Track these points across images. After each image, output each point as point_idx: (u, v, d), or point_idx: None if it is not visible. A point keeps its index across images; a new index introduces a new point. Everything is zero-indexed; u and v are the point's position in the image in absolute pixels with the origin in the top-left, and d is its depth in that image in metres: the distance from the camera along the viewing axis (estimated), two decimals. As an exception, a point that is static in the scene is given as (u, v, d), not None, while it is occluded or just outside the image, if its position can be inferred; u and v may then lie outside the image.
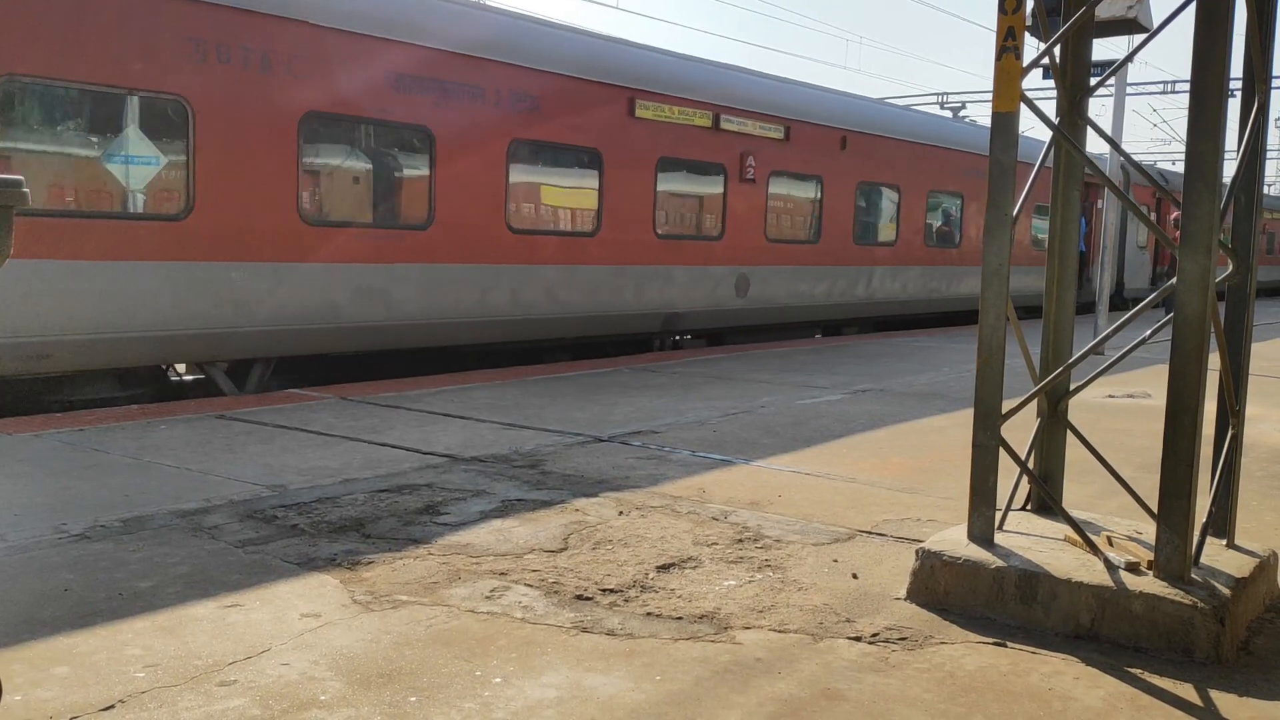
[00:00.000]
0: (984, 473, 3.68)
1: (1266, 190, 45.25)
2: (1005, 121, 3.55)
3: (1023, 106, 3.56)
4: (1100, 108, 35.23)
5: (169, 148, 8.24)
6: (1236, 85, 6.41)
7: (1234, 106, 3.48)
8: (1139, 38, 4.54)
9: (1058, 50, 3.86)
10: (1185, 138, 3.29)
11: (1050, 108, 10.14)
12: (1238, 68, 3.90)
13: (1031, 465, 4.04)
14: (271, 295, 8.96)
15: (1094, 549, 3.59)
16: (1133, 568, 3.44)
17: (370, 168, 9.68)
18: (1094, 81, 3.89)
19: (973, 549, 3.64)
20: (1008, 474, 4.02)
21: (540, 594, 3.69)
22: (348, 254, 9.44)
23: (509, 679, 2.98)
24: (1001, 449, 3.67)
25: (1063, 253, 4.03)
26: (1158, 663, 3.20)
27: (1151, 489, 3.71)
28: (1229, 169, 3.71)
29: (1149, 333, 3.95)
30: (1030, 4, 3.73)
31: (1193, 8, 3.29)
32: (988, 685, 3.02)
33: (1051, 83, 4.07)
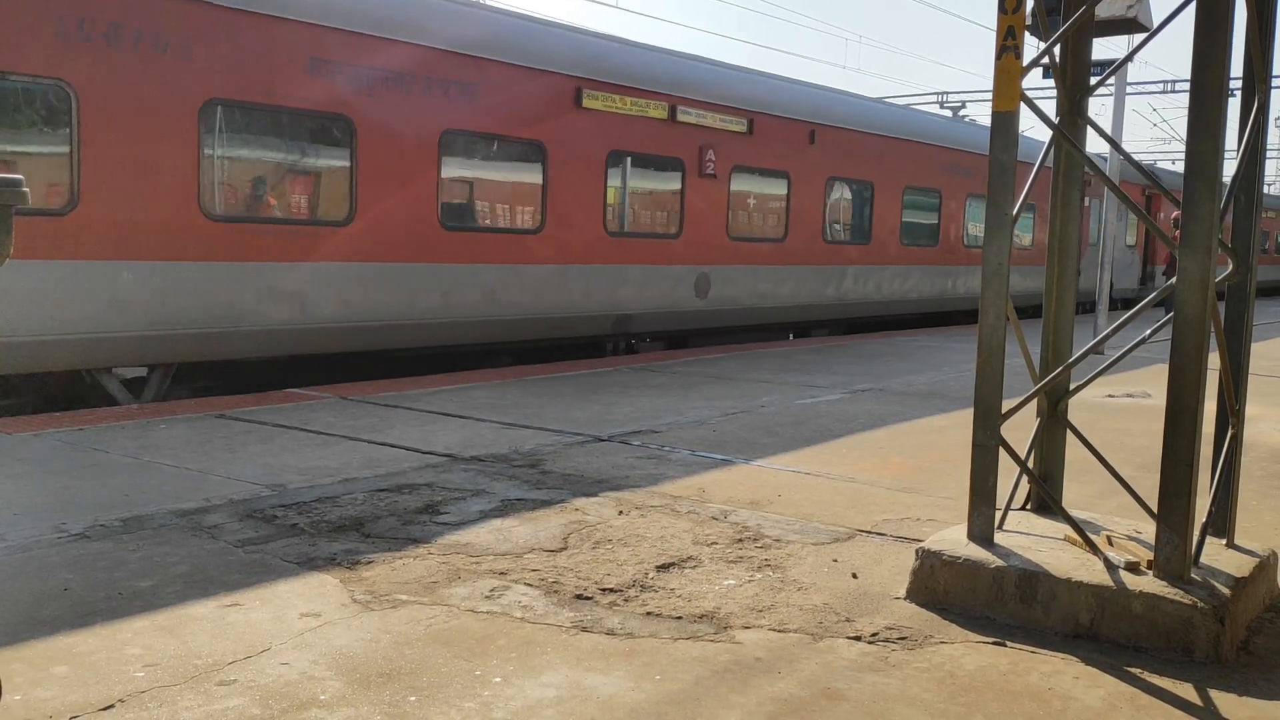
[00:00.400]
0: (984, 472, 3.68)
1: (1266, 190, 45.25)
2: (1005, 121, 3.55)
3: (1022, 106, 3.56)
4: (1100, 107, 35.23)
5: (50, 137, 7.62)
6: (1236, 85, 6.41)
7: (1234, 106, 3.48)
8: (1139, 37, 4.54)
9: (1058, 50, 3.86)
10: (1185, 137, 3.29)
11: (1050, 107, 10.15)
12: (1238, 67, 3.90)
13: (1031, 465, 4.04)
14: (169, 297, 8.32)
15: (1094, 548, 3.59)
16: (1132, 567, 3.44)
17: (283, 159, 9.06)
18: (1094, 81, 3.89)
19: (972, 548, 3.64)
20: (1008, 473, 4.02)
21: (540, 593, 3.68)
22: (257, 252, 8.80)
23: (509, 678, 2.98)
24: (1001, 449, 3.67)
25: (1063, 252, 4.03)
26: (1157, 662, 3.20)
27: (1151, 489, 3.71)
28: (1229, 168, 3.71)
29: (1149, 332, 3.95)
30: (1030, 3, 3.73)
31: (1193, 7, 3.29)
32: (987, 685, 3.02)
33: (1051, 82, 4.07)
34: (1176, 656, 3.23)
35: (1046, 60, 3.71)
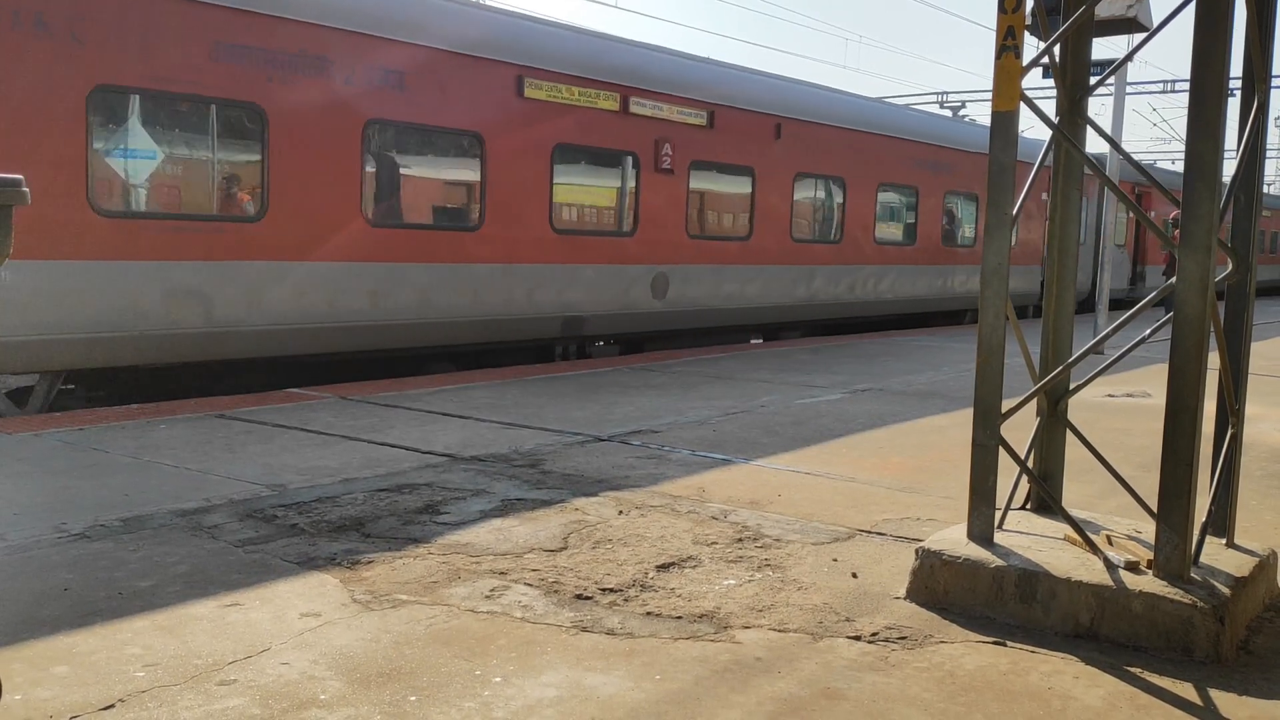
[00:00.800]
0: (983, 472, 3.68)
1: (1266, 189, 45.26)
2: (1005, 121, 3.55)
3: (1022, 105, 3.57)
4: (1100, 107, 35.26)
5: None
6: (1236, 84, 6.41)
7: (1234, 106, 3.48)
8: (1139, 37, 4.54)
9: (1057, 49, 3.86)
10: (1185, 137, 3.29)
11: (1050, 107, 10.15)
12: (1237, 67, 3.90)
13: (1031, 464, 4.04)
14: (55, 298, 7.75)
15: (1094, 548, 3.59)
16: (1132, 567, 3.44)
17: (185, 151, 8.49)
18: (1094, 81, 3.89)
19: (972, 548, 3.64)
20: (1007, 473, 4.02)
21: (540, 593, 3.69)
22: (155, 250, 8.19)
23: (509, 678, 2.98)
24: (1001, 448, 3.67)
25: (1062, 252, 4.03)
26: (1157, 662, 3.20)
27: (1151, 488, 3.71)
28: (1229, 168, 3.71)
29: (1149, 332, 3.95)
30: (1030, 3, 3.73)
31: (1193, 7, 3.29)
32: (987, 684, 3.02)
33: (1051, 82, 4.07)
34: (1176, 656, 3.23)
35: (1046, 60, 3.71)
